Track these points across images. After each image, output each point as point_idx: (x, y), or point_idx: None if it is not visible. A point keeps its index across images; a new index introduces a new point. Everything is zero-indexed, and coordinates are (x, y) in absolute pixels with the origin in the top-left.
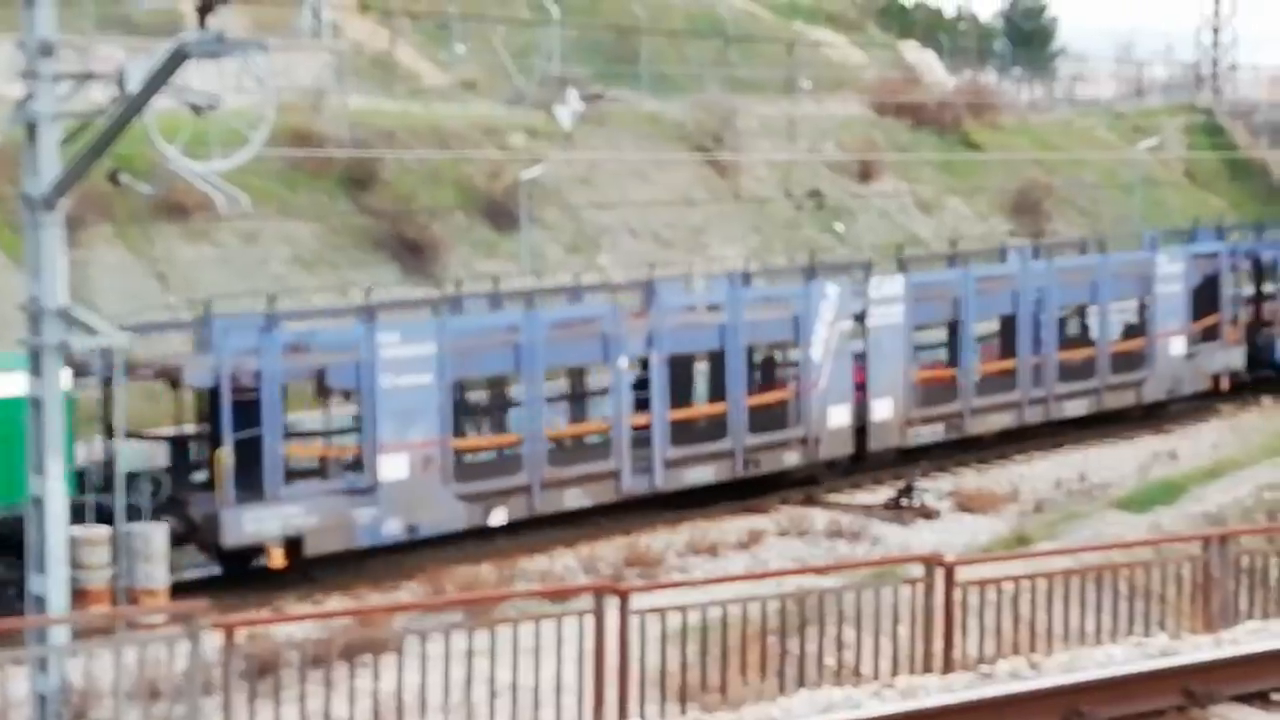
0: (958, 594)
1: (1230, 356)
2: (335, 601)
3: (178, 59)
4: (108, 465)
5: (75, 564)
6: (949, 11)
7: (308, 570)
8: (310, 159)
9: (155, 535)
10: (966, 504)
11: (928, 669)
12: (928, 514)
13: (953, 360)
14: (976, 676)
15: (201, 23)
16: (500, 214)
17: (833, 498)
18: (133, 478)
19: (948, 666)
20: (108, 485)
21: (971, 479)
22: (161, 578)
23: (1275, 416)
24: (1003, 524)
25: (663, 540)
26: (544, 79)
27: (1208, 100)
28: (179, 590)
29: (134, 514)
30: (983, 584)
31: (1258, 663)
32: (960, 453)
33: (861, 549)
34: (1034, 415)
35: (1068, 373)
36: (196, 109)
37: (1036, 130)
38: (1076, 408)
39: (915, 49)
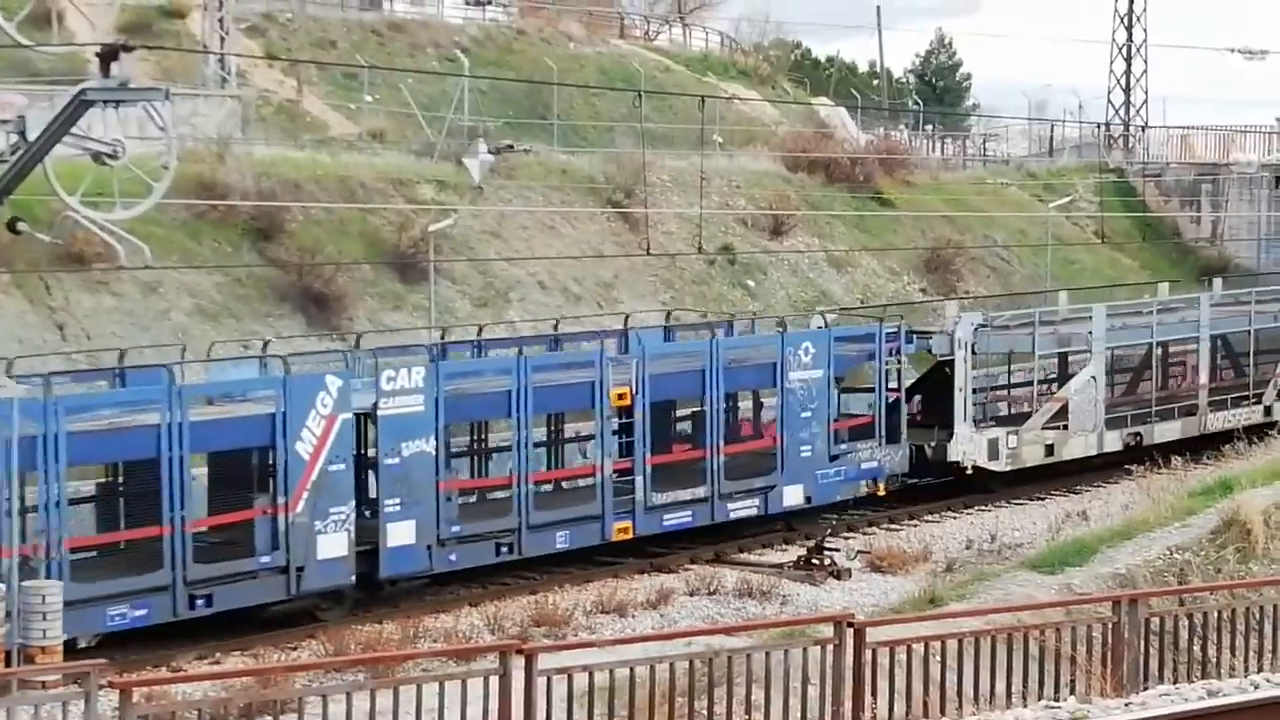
0: (867, 655)
1: None
2: (234, 660)
3: (80, 106)
4: None
5: None
6: (862, 68)
7: None
8: (214, 209)
9: (50, 592)
10: (877, 563)
11: None
12: (838, 573)
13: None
14: None
15: (105, 70)
16: (408, 266)
17: (743, 556)
18: None
19: None
20: None
21: (882, 538)
22: (57, 635)
23: (1186, 479)
24: (913, 584)
25: (570, 599)
26: (454, 130)
27: (1119, 160)
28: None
29: None
30: (893, 644)
31: None
32: (871, 511)
33: (771, 608)
34: None
35: None
36: (99, 157)
37: (949, 188)
38: None
39: (828, 105)
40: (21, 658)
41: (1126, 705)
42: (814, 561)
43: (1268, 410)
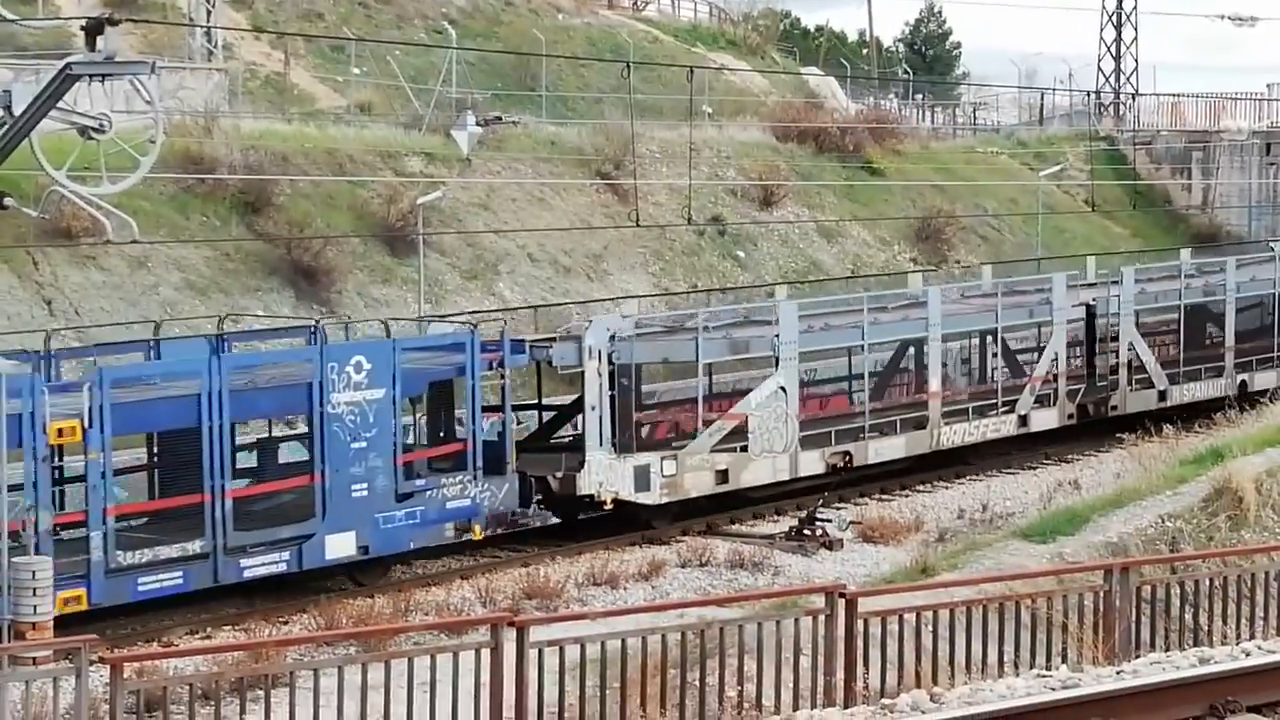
0: (859, 625)
1: None
2: (226, 635)
3: (66, 80)
4: None
5: None
6: (851, 37)
7: None
8: (202, 182)
9: (41, 567)
10: (869, 534)
11: (829, 702)
12: (830, 544)
13: None
14: (877, 709)
15: (90, 44)
16: (397, 239)
17: (734, 528)
18: None
19: (849, 699)
20: None
21: (874, 509)
22: (48, 611)
23: (1178, 447)
24: (905, 554)
25: (562, 571)
26: (442, 102)
27: (1109, 128)
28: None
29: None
30: (884, 615)
31: (1159, 695)
32: (862, 483)
33: (763, 579)
34: None
35: None
36: (85, 132)
37: (939, 157)
38: None
39: (817, 74)
40: (12, 633)
41: (1118, 673)
42: (806, 532)
43: (1023, 420)
